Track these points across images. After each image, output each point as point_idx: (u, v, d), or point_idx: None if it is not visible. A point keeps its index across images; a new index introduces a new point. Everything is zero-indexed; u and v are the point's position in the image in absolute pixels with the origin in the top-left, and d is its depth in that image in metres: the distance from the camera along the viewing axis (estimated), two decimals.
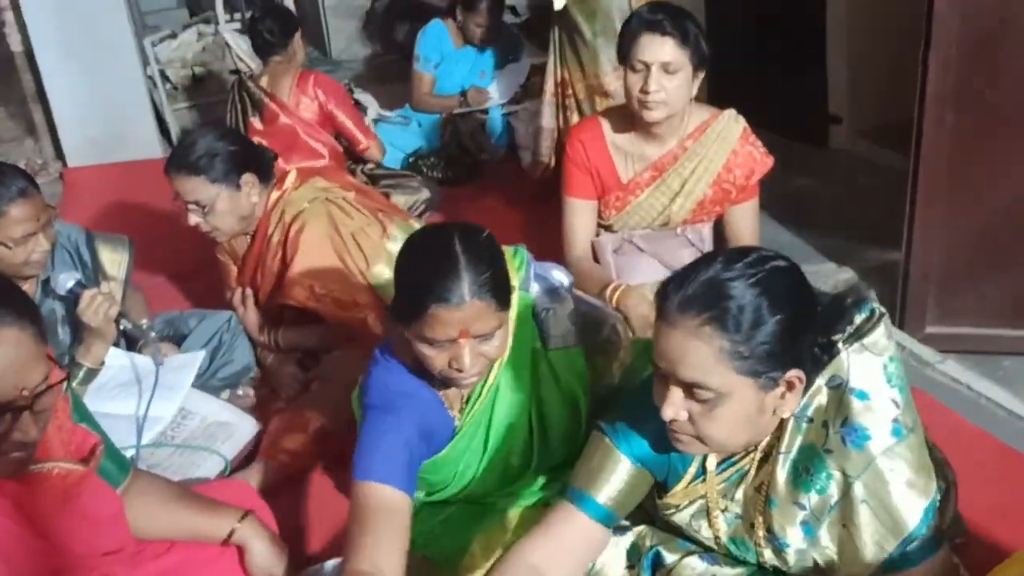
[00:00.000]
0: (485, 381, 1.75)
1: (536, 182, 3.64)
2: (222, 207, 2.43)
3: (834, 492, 1.35)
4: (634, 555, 1.64)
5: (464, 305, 1.52)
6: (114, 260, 2.51)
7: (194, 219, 2.44)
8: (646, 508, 1.67)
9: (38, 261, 2.24)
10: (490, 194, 3.87)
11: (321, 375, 2.51)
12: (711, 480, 1.47)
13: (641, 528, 1.65)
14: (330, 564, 1.82)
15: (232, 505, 1.72)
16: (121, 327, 2.30)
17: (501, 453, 1.82)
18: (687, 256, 2.60)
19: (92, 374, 2.30)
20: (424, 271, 1.55)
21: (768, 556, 1.47)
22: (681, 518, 1.54)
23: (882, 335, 1.35)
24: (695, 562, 1.56)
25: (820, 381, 1.36)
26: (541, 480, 1.89)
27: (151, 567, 1.60)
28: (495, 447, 1.80)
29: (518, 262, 1.80)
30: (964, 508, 1.62)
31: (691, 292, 1.28)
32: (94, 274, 2.46)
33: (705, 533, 1.53)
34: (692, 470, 1.50)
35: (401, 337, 1.65)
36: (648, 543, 1.62)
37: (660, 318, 1.31)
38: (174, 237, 3.53)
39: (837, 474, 1.34)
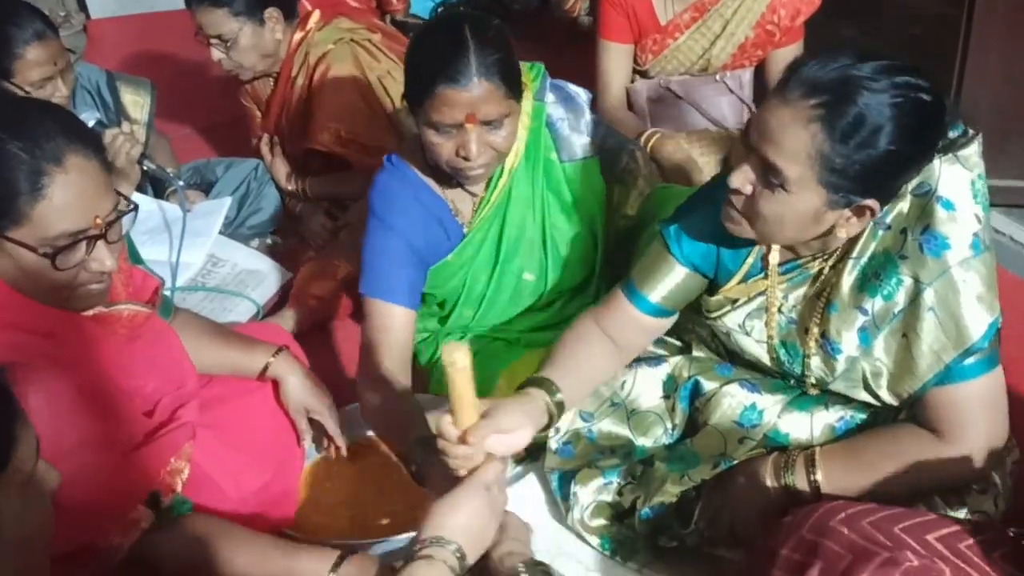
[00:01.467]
0: (495, 186, 1.74)
1: (563, 20, 3.61)
2: (245, 42, 2.35)
3: (901, 299, 1.33)
4: (670, 386, 1.64)
5: (471, 85, 1.52)
6: (136, 102, 2.48)
7: (217, 55, 2.37)
8: (684, 340, 1.68)
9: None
10: (522, 46, 3.65)
11: (349, 223, 2.50)
12: (773, 278, 1.45)
13: (678, 359, 1.65)
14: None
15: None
16: (144, 167, 2.28)
17: (512, 266, 1.83)
18: (726, 104, 2.51)
19: None
20: (433, 52, 1.56)
21: (815, 365, 1.45)
22: (733, 319, 1.52)
23: (975, 152, 1.32)
24: (735, 390, 1.56)
25: (905, 187, 1.32)
26: (557, 307, 1.90)
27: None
28: (506, 258, 1.81)
29: (534, 74, 1.78)
30: (1003, 352, 1.60)
31: (824, 76, 1.21)
32: (116, 116, 2.43)
33: (757, 334, 1.51)
34: (745, 268, 1.48)
35: (413, 141, 1.66)
36: (686, 374, 1.62)
37: (779, 88, 1.25)
38: (200, 88, 3.50)
39: (908, 280, 1.33)
